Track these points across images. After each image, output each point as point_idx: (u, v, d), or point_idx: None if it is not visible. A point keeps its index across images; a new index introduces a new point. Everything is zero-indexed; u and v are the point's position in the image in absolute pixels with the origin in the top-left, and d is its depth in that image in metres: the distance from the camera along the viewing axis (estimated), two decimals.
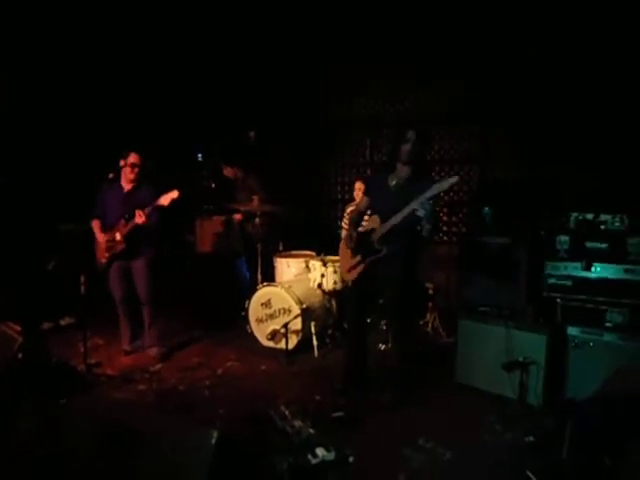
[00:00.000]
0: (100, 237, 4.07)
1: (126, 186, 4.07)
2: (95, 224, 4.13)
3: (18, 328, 3.47)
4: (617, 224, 3.23)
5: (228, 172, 5.27)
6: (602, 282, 3.19)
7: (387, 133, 5.72)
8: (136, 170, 4.01)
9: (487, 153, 5.25)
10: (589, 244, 3.28)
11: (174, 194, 3.87)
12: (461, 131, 5.37)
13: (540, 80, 4.67)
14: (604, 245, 3.23)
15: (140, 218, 3.83)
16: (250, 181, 5.13)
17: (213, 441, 1.99)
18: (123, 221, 3.94)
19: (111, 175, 3.87)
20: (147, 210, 3.83)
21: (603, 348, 3.00)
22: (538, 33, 4.55)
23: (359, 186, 4.55)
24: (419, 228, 3.00)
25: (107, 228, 4.07)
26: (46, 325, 4.68)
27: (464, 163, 5.40)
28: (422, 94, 5.52)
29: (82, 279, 3.68)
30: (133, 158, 3.99)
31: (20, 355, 3.30)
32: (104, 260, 4.05)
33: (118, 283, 4.10)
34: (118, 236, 3.96)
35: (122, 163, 3.98)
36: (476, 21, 4.81)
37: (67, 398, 3.21)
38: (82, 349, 3.75)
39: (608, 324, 3.12)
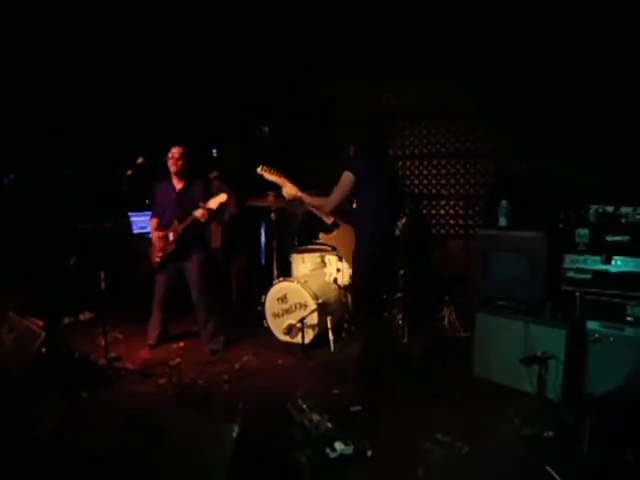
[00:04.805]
0: (154, 235, 4.08)
1: (177, 185, 4.02)
2: (152, 223, 4.14)
3: (41, 323, 3.55)
4: (638, 217, 3.18)
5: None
6: (622, 275, 3.15)
7: (402, 127, 5.68)
8: (178, 164, 3.93)
9: (502, 146, 5.18)
10: (609, 237, 3.24)
11: (222, 198, 3.79)
12: (476, 124, 5.30)
13: (554, 73, 4.59)
14: (625, 238, 3.19)
15: (200, 214, 3.76)
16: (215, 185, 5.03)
17: (234, 435, 2.02)
18: (176, 222, 3.92)
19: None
20: (203, 207, 3.76)
21: (623, 342, 2.96)
22: (541, 30, 4.46)
23: None
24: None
25: (162, 227, 4.08)
26: (66, 320, 4.78)
27: (479, 156, 5.34)
28: (436, 87, 5.45)
29: (102, 275, 3.72)
30: (171, 152, 3.92)
31: (43, 349, 3.38)
32: (157, 259, 4.06)
33: (165, 282, 4.13)
34: (171, 236, 3.95)
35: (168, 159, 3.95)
36: (485, 16, 4.70)
37: (89, 392, 3.27)
38: (102, 343, 3.79)
39: (629, 318, 3.08)
